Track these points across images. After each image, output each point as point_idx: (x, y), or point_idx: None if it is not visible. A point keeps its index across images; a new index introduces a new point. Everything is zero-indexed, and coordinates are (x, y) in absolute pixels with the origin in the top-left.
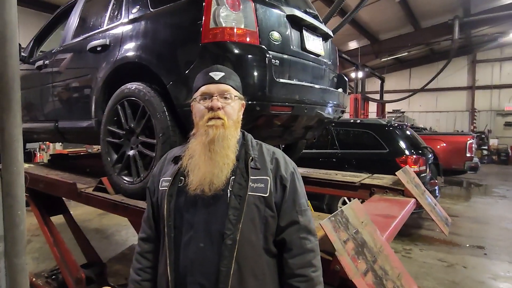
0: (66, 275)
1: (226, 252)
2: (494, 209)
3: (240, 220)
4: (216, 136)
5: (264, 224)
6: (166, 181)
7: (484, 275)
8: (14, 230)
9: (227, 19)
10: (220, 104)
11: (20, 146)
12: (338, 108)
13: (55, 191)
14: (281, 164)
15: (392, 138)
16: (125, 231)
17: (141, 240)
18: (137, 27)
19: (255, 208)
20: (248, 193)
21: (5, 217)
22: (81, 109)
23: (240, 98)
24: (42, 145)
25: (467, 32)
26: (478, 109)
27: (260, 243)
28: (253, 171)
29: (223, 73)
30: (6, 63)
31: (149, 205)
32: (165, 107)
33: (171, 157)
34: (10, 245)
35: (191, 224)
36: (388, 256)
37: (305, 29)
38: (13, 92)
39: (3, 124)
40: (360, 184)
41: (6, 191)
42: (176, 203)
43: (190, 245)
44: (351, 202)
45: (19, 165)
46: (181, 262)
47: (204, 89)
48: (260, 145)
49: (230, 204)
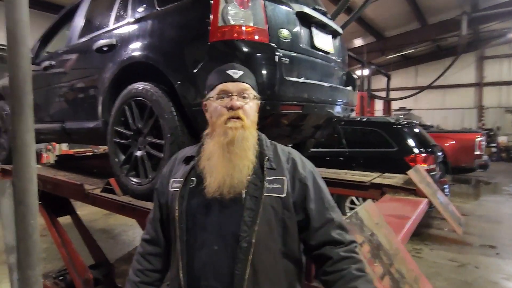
0: (74, 276)
1: (241, 255)
2: (505, 207)
3: (256, 222)
4: (236, 137)
5: (282, 227)
6: (177, 182)
7: (497, 275)
8: (27, 240)
9: (236, 16)
10: (239, 103)
11: (33, 151)
12: (348, 107)
13: (63, 192)
14: (298, 163)
15: (401, 136)
16: (132, 231)
17: (144, 241)
18: (143, 26)
19: (271, 209)
20: (264, 194)
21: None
22: (87, 109)
23: (257, 98)
24: (48, 146)
25: (475, 28)
26: (486, 106)
27: (277, 247)
28: (269, 172)
29: (242, 72)
30: (18, 65)
31: (156, 206)
32: (173, 107)
33: (181, 157)
34: (23, 256)
35: (204, 226)
36: (404, 258)
37: (314, 26)
38: (25, 95)
39: (15, 128)
40: (370, 183)
41: (19, 199)
42: (188, 205)
43: (203, 248)
44: (365, 203)
45: (32, 171)
46: (194, 266)
47: (223, 87)
48: (275, 145)
49: (245, 205)
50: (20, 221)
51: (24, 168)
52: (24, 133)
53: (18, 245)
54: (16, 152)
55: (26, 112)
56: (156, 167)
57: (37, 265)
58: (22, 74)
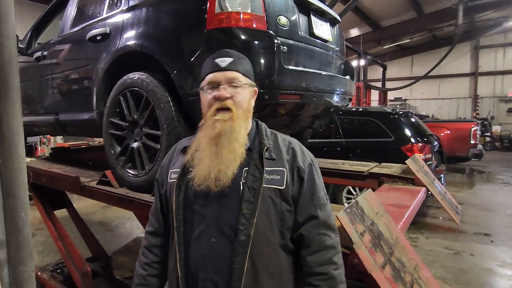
0: (72, 269)
1: (240, 249)
2: (499, 196)
3: (255, 215)
4: (223, 130)
5: (280, 219)
6: (174, 172)
7: (491, 262)
8: (18, 234)
9: (233, 3)
10: (227, 93)
11: (21, 139)
12: (346, 96)
13: (58, 185)
14: (298, 154)
15: (398, 126)
16: (129, 223)
17: (148, 233)
18: (138, 14)
19: (270, 201)
20: (263, 185)
21: (7, 220)
22: (82, 101)
23: (250, 85)
24: (43, 139)
25: (471, 17)
26: (481, 96)
27: (276, 239)
28: (268, 162)
29: (232, 59)
30: (2, 45)
31: (157, 197)
32: (170, 97)
33: (180, 148)
34: (14, 251)
35: (202, 217)
36: (404, 247)
37: (312, 14)
38: (10, 77)
39: (0, 114)
40: (368, 173)
41: (7, 190)
42: (185, 196)
43: (201, 240)
44: (365, 193)
45: (21, 160)
46: (191, 258)
47: (211, 78)
48: (275, 134)
49: (244, 197)
50: (9, 215)
51: (12, 157)
52: (11, 119)
53: (8, 240)
54: (3, 140)
55: (13, 97)
56: (153, 158)
57: (29, 261)
58: (7, 54)
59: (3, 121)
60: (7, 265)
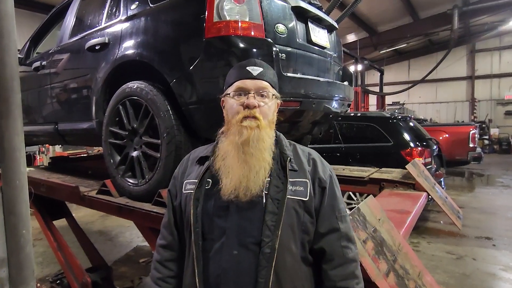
0: (72, 280)
1: (264, 262)
2: (499, 199)
3: (279, 226)
4: (251, 137)
5: (302, 231)
6: (191, 183)
7: (494, 267)
8: (20, 252)
9: (231, 12)
10: (256, 102)
11: (22, 155)
12: (345, 102)
13: (57, 195)
14: (318, 166)
15: (396, 130)
16: (129, 232)
17: (160, 247)
18: (137, 24)
19: (294, 213)
20: (287, 197)
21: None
22: (81, 110)
23: (276, 97)
24: (41, 148)
25: (466, 22)
26: (478, 99)
27: (298, 252)
28: (291, 173)
29: (262, 69)
30: (3, 62)
31: (170, 209)
32: (169, 106)
33: (194, 157)
34: (15, 270)
35: (223, 230)
36: (407, 254)
37: (310, 21)
38: (12, 94)
39: (2, 131)
40: (369, 178)
41: (8, 208)
42: (204, 208)
43: (222, 253)
44: (367, 199)
45: (22, 177)
46: (211, 272)
47: (240, 84)
48: (294, 145)
49: (267, 209)
50: (10, 233)
51: (14, 175)
52: (13, 136)
53: (10, 259)
54: (5, 158)
55: (15, 114)
56: (153, 167)
57: (31, 279)
58: (8, 71)
59: (5, 138)
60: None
